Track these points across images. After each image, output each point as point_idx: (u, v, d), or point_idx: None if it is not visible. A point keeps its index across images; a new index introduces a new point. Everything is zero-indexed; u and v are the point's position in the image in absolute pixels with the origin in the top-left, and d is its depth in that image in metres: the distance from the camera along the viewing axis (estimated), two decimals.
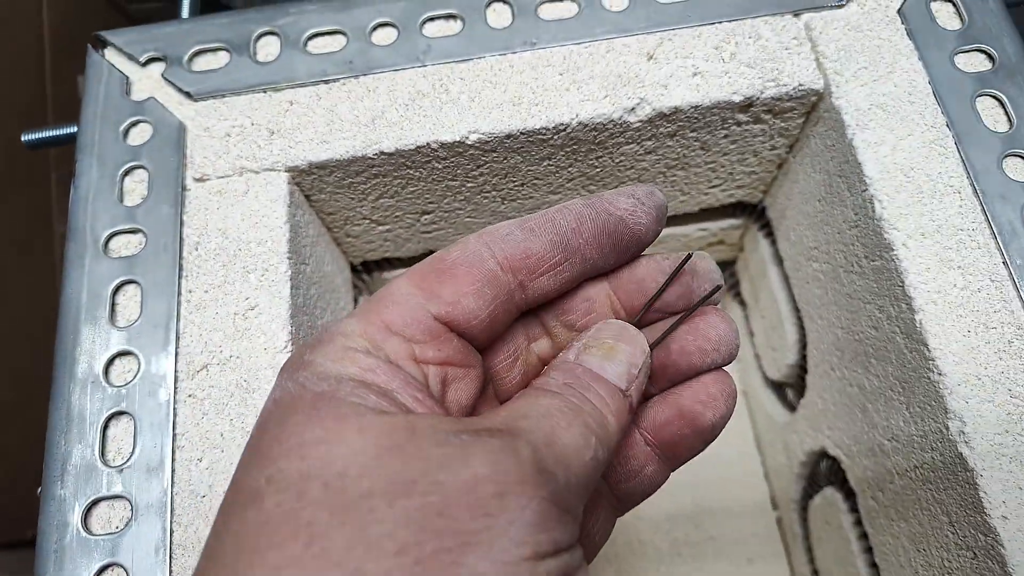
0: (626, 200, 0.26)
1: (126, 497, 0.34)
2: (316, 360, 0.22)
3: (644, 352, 0.25)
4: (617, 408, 0.24)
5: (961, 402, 0.34)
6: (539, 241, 0.25)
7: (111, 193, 0.40)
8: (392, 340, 0.23)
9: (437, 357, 0.24)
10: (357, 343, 0.23)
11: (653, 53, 0.41)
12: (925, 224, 0.37)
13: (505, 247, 0.25)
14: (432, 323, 0.24)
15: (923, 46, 0.40)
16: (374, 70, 0.42)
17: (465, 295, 0.24)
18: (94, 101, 0.43)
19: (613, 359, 0.25)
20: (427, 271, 0.25)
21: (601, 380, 0.24)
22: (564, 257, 0.25)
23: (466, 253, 0.25)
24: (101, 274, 0.38)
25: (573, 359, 0.25)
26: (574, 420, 0.22)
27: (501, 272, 0.25)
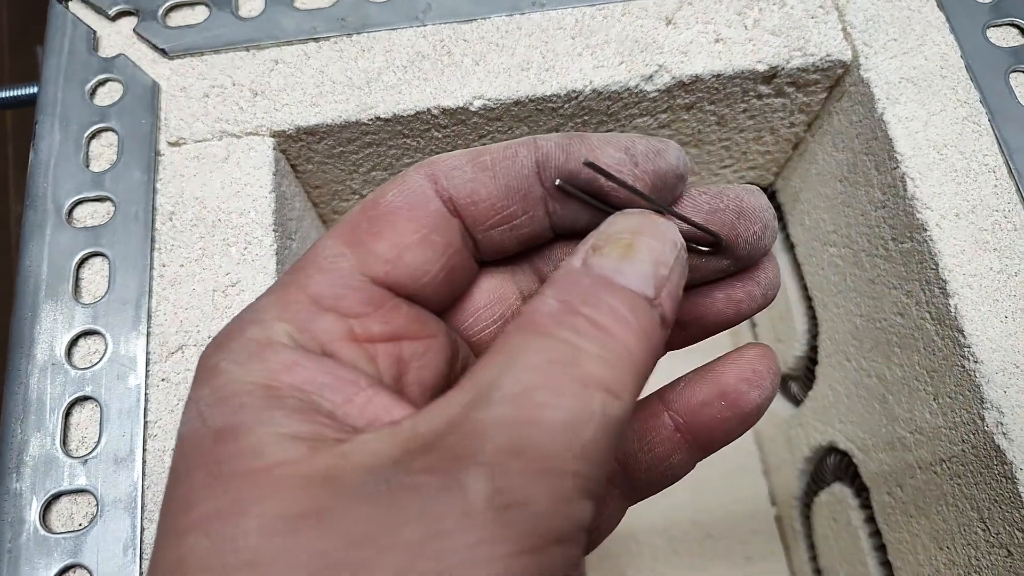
0: (615, 153, 0.20)
1: (90, 491, 0.30)
2: (220, 364, 0.18)
3: (675, 244, 0.19)
4: (643, 325, 0.17)
5: (999, 391, 0.32)
6: (492, 184, 0.20)
7: (76, 157, 0.36)
8: (322, 319, 0.19)
9: (384, 332, 0.19)
10: (274, 331, 0.18)
11: (672, 18, 0.38)
12: (959, 204, 0.35)
13: (451, 183, 0.20)
14: (371, 289, 0.19)
15: (954, 18, 0.38)
16: (369, 28, 0.38)
17: (408, 247, 0.19)
18: (57, 57, 0.39)
19: (633, 258, 0.18)
20: (358, 221, 0.20)
21: (616, 289, 0.17)
22: (522, 209, 0.20)
23: (404, 192, 0.20)
24: (64, 245, 0.34)
25: (579, 266, 0.18)
26: (565, 383, 0.16)
27: (450, 215, 0.20)
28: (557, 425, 0.15)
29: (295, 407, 0.17)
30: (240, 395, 0.17)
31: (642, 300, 0.17)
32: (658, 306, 0.18)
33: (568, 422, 0.15)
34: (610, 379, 0.16)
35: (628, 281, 0.17)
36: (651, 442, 0.22)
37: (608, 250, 0.18)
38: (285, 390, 0.17)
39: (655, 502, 0.58)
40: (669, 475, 0.23)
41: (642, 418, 0.23)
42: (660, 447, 0.22)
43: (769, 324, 0.56)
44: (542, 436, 0.15)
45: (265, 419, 0.17)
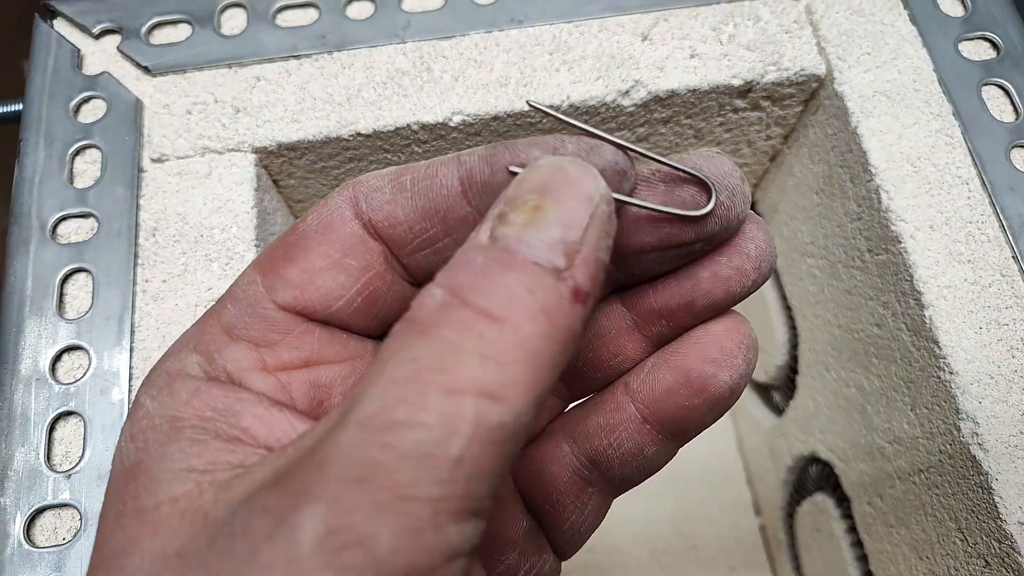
0: (541, 155, 0.18)
1: (74, 505, 0.31)
2: (140, 399, 0.18)
3: (591, 198, 0.16)
4: (544, 303, 0.15)
5: (974, 402, 0.32)
6: (409, 205, 0.19)
7: (60, 174, 0.37)
8: (232, 349, 0.18)
9: (296, 358, 0.19)
10: (185, 363, 0.18)
11: (648, 34, 0.38)
12: (934, 216, 0.35)
13: (369, 206, 0.19)
14: (279, 315, 0.19)
15: (926, 32, 0.39)
16: (349, 46, 0.39)
17: (318, 272, 0.19)
18: (41, 75, 0.39)
19: (539, 223, 0.16)
20: (274, 247, 0.19)
21: (515, 264, 0.15)
22: (442, 232, 0.19)
23: (322, 216, 0.19)
24: (48, 261, 0.35)
25: (484, 240, 0.16)
26: (427, 391, 0.14)
27: (370, 237, 0.19)
28: (414, 446, 0.13)
29: (192, 437, 0.17)
30: (147, 431, 0.17)
31: (546, 273, 0.15)
32: (567, 278, 0.15)
33: (429, 441, 0.13)
34: (490, 380, 0.14)
35: (531, 252, 0.15)
36: (619, 437, 0.21)
37: (513, 216, 0.16)
38: (188, 420, 0.17)
39: (638, 512, 0.58)
40: (646, 468, 0.21)
41: (606, 412, 0.21)
42: (630, 441, 0.21)
43: None
44: (392, 461, 0.13)
45: (163, 455, 0.17)
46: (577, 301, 0.15)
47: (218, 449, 0.17)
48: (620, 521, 0.58)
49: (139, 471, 0.17)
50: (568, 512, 0.21)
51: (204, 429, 0.17)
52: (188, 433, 0.17)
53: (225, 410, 0.17)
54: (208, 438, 0.17)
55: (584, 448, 0.21)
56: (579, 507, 0.22)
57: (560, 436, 0.22)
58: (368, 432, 0.13)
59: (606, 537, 0.57)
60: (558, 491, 0.21)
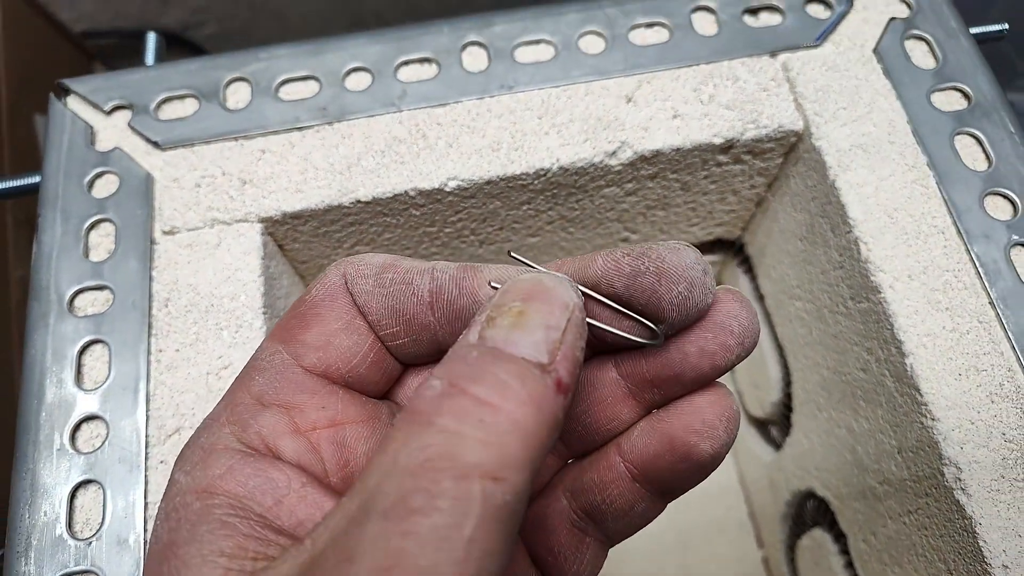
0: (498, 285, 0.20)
1: (95, 573, 0.32)
2: (175, 475, 0.19)
3: (566, 305, 0.18)
4: (533, 393, 0.17)
5: (956, 448, 0.33)
6: (382, 303, 0.21)
7: (76, 248, 0.39)
8: (265, 415, 0.20)
9: (323, 417, 0.20)
10: (220, 435, 0.19)
11: (632, 96, 0.40)
12: (911, 265, 0.37)
13: (354, 289, 0.21)
14: (305, 379, 0.20)
15: (900, 85, 0.40)
16: (349, 116, 0.41)
17: (334, 334, 0.21)
18: (57, 151, 0.41)
19: (524, 325, 0.18)
20: (287, 320, 0.21)
21: (505, 359, 0.17)
22: (404, 332, 0.21)
23: (324, 288, 0.21)
24: (66, 334, 0.37)
25: (474, 340, 0.18)
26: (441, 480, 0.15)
27: (361, 316, 0.21)
28: (433, 532, 0.14)
29: (222, 518, 0.18)
30: (179, 508, 0.18)
31: (533, 367, 0.17)
32: (552, 371, 0.17)
33: (444, 525, 0.14)
34: (491, 461, 0.15)
35: (519, 350, 0.17)
36: (611, 494, 0.22)
37: (500, 320, 0.18)
38: (218, 497, 0.18)
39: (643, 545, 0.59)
40: (637, 522, 0.23)
41: (599, 470, 0.22)
42: (621, 499, 0.22)
43: (746, 369, 0.57)
44: (415, 547, 0.14)
45: (192, 537, 0.17)
46: (560, 392, 0.17)
47: (245, 535, 0.18)
48: (625, 553, 0.59)
49: (170, 553, 0.17)
50: (569, 562, 0.23)
51: (233, 508, 0.18)
52: (218, 514, 0.18)
53: (255, 489, 0.18)
54: (236, 521, 0.18)
55: (580, 502, 0.23)
56: (578, 557, 0.23)
57: (560, 490, 0.23)
58: (391, 522, 0.15)
59: (612, 570, 0.58)
60: (559, 542, 0.23)
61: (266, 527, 0.18)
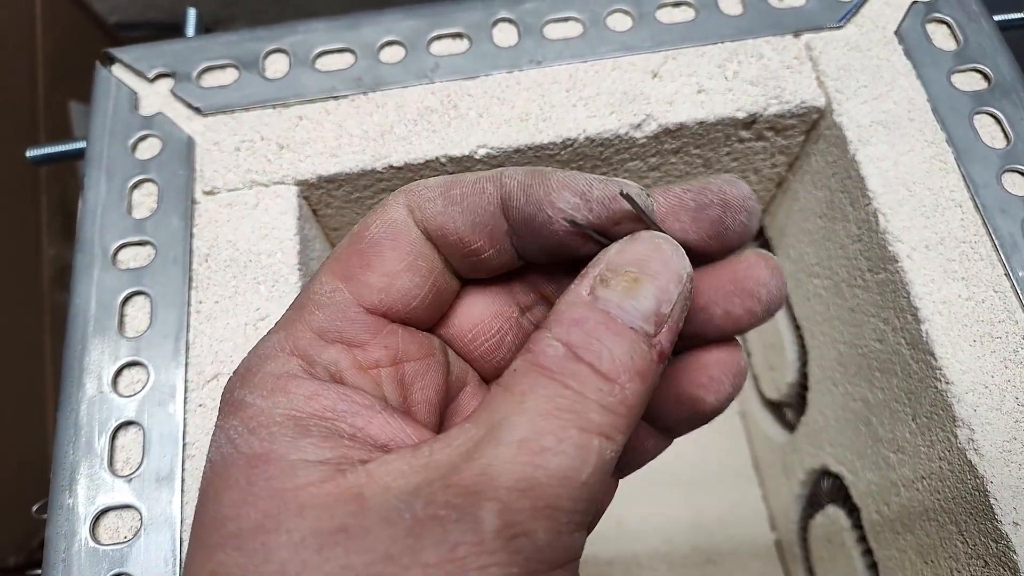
0: (571, 198, 0.20)
1: (135, 507, 0.34)
2: (246, 399, 0.19)
3: (680, 277, 0.19)
4: (640, 368, 0.18)
5: (969, 410, 0.34)
6: (460, 219, 0.21)
7: (120, 206, 0.40)
8: (329, 351, 0.20)
9: (386, 356, 0.21)
10: (289, 366, 0.20)
11: (658, 71, 0.42)
12: (928, 236, 0.38)
13: (424, 215, 0.21)
14: (368, 318, 0.21)
15: (920, 65, 0.42)
16: (382, 87, 0.42)
17: (396, 275, 0.21)
18: (102, 116, 0.43)
19: (637, 294, 0.19)
20: (347, 256, 0.21)
21: (618, 329, 0.18)
22: (488, 244, 0.21)
23: (386, 223, 0.21)
24: (110, 285, 0.38)
25: (586, 296, 0.19)
26: (568, 427, 0.17)
27: (428, 242, 0.21)
28: (559, 469, 0.17)
29: (320, 434, 0.18)
30: (269, 426, 0.18)
31: (641, 339, 0.18)
32: (656, 344, 0.19)
33: (569, 466, 0.17)
34: (607, 424, 0.18)
35: (630, 319, 0.18)
36: None
37: (615, 283, 0.19)
38: (309, 419, 0.19)
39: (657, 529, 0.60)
40: (646, 457, 0.24)
41: None
42: (633, 437, 0.23)
43: (762, 352, 0.58)
44: (546, 478, 0.17)
45: (295, 447, 0.18)
46: (659, 362, 0.19)
47: (347, 446, 0.19)
48: (639, 537, 0.60)
49: (270, 458, 0.18)
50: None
51: (327, 428, 0.19)
52: (315, 431, 0.18)
53: (344, 411, 0.19)
54: (335, 436, 0.19)
55: None
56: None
57: None
58: (524, 453, 0.17)
59: (625, 552, 0.59)
60: None
61: (363, 441, 0.19)
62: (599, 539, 0.59)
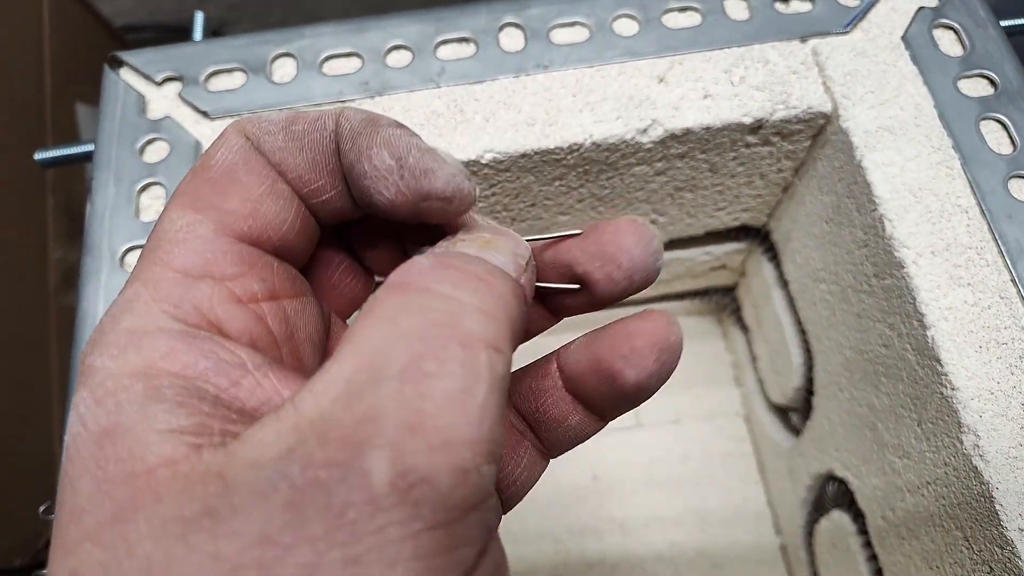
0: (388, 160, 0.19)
1: None
2: (95, 363, 0.17)
3: (527, 250, 0.20)
4: (512, 286, 0.17)
5: (975, 416, 0.34)
6: (300, 156, 0.19)
7: (127, 209, 0.40)
8: (198, 288, 0.18)
9: (265, 290, 0.19)
10: (149, 315, 0.17)
11: (664, 76, 0.42)
12: (935, 242, 0.38)
13: (265, 148, 0.19)
14: (239, 247, 0.18)
15: (927, 71, 0.42)
16: (389, 91, 0.42)
17: (260, 200, 0.19)
18: (110, 119, 0.43)
19: (493, 249, 0.19)
20: (196, 186, 0.19)
21: (480, 259, 0.18)
22: (329, 184, 0.20)
23: (231, 150, 0.19)
24: (118, 288, 0.38)
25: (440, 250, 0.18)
26: (449, 346, 0.15)
27: (277, 174, 0.19)
28: (447, 395, 0.15)
29: (175, 399, 0.16)
30: (116, 393, 0.16)
31: (501, 271, 0.18)
32: (518, 279, 0.18)
33: (458, 389, 0.15)
34: (491, 333, 0.16)
35: (492, 260, 0.18)
36: (545, 402, 0.22)
37: (470, 241, 0.19)
38: (164, 379, 0.16)
39: (661, 533, 0.60)
40: (572, 435, 0.22)
41: (538, 376, 0.22)
42: (555, 408, 0.22)
43: (768, 357, 0.58)
44: (435, 408, 0.15)
45: (144, 416, 0.16)
46: (524, 301, 0.18)
47: (206, 413, 0.16)
48: (643, 541, 0.60)
49: (116, 434, 0.16)
50: (505, 462, 0.22)
51: (184, 389, 0.16)
52: (168, 394, 0.16)
53: (206, 370, 0.17)
54: (193, 401, 0.16)
55: (518, 406, 0.22)
56: (515, 459, 0.22)
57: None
58: (407, 384, 0.15)
59: (630, 556, 0.59)
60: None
61: (227, 407, 0.17)
62: (604, 543, 0.59)
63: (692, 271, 0.59)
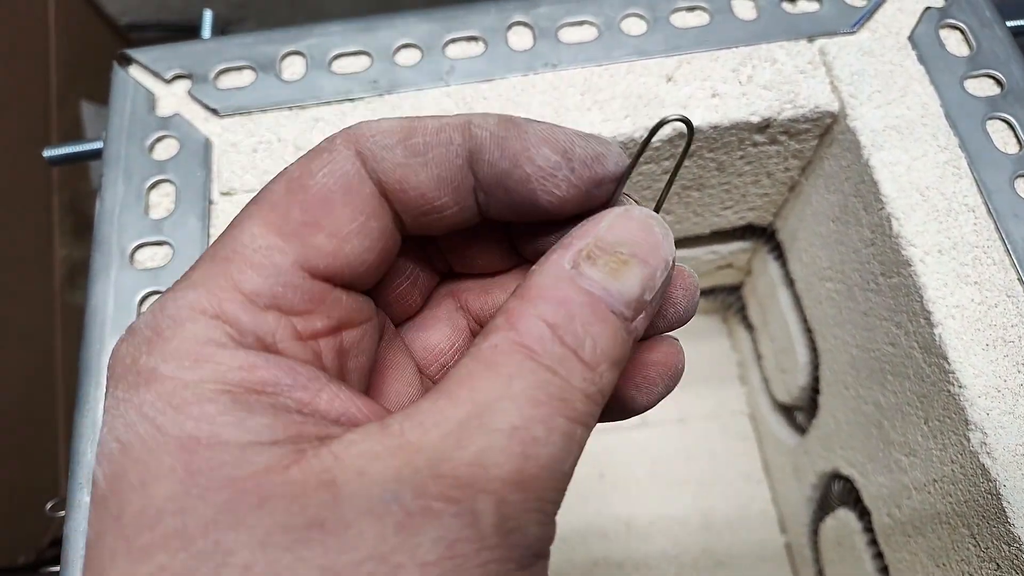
0: (551, 155, 0.18)
1: None
2: (159, 368, 0.16)
3: (667, 264, 0.19)
4: (618, 356, 0.18)
5: (982, 413, 0.34)
6: (423, 172, 0.19)
7: (137, 206, 0.41)
8: (263, 318, 0.17)
9: (327, 326, 0.19)
10: (213, 331, 0.17)
11: (672, 75, 0.42)
12: (941, 241, 0.38)
13: (380, 166, 0.18)
14: (313, 285, 0.18)
15: (934, 71, 0.42)
16: (398, 89, 0.42)
17: (347, 238, 0.18)
18: (120, 116, 0.43)
19: (623, 279, 0.18)
20: (287, 206, 0.18)
21: (602, 316, 0.18)
22: (453, 200, 0.19)
23: (335, 173, 0.18)
24: (127, 285, 0.38)
25: (569, 269, 0.18)
26: (556, 416, 0.17)
27: (380, 200, 0.19)
28: (548, 461, 0.16)
29: (267, 411, 0.16)
30: (200, 403, 0.16)
31: (622, 325, 0.18)
32: (633, 330, 0.18)
33: (557, 457, 0.17)
34: (588, 412, 0.17)
35: (614, 303, 0.18)
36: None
37: (602, 262, 0.18)
38: (250, 393, 0.16)
39: (667, 532, 0.60)
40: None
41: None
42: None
43: (773, 356, 0.58)
44: (537, 469, 0.16)
45: (241, 428, 0.16)
46: (634, 344, 0.19)
47: (299, 423, 0.16)
48: (649, 539, 0.60)
49: (204, 444, 0.16)
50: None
51: (272, 404, 0.16)
52: (259, 408, 0.16)
53: (289, 385, 0.17)
54: (282, 412, 0.16)
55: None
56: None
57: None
58: (516, 443, 0.16)
59: (635, 554, 0.59)
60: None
61: (314, 416, 0.17)
62: (609, 541, 0.59)
63: (698, 270, 0.59)
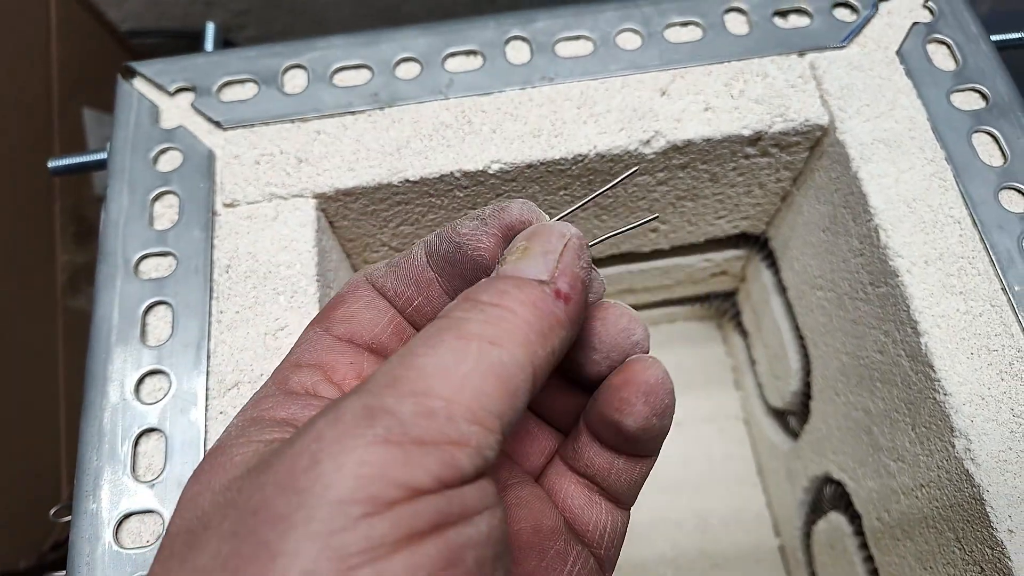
0: (469, 223, 0.24)
1: (157, 512, 0.35)
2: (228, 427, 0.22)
3: (563, 235, 0.22)
4: (529, 296, 0.20)
5: (966, 421, 0.35)
6: (394, 277, 0.25)
7: (142, 217, 0.41)
8: (301, 373, 0.23)
9: (353, 373, 0.24)
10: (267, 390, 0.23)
11: (666, 89, 0.43)
12: (928, 252, 0.39)
13: (374, 280, 0.26)
14: (335, 343, 0.24)
15: (921, 85, 0.43)
16: (399, 102, 0.43)
17: (358, 311, 0.25)
18: (124, 128, 0.44)
19: (527, 257, 0.22)
20: (321, 311, 0.26)
21: (508, 277, 0.21)
22: (416, 292, 0.25)
23: (349, 285, 0.26)
24: (132, 295, 0.39)
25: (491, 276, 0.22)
26: (443, 338, 0.19)
27: (381, 297, 0.25)
28: (429, 364, 0.18)
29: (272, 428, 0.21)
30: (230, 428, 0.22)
31: (532, 281, 0.21)
32: (550, 283, 0.21)
33: (441, 362, 0.18)
34: (490, 334, 0.19)
35: (523, 272, 0.21)
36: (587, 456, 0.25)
37: (509, 257, 0.22)
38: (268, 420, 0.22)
39: (663, 534, 0.61)
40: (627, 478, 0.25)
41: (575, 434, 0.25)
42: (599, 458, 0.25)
43: (766, 362, 0.59)
44: (413, 372, 0.18)
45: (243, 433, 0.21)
46: (559, 299, 0.21)
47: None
48: (645, 541, 0.61)
49: (218, 450, 0.21)
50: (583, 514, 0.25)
51: (282, 426, 0.21)
52: (267, 425, 0.21)
53: (298, 413, 0.22)
54: (286, 432, 0.21)
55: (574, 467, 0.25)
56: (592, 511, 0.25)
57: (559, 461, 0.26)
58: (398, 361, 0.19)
59: (632, 556, 0.60)
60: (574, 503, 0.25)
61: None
62: None
63: (693, 277, 0.60)
